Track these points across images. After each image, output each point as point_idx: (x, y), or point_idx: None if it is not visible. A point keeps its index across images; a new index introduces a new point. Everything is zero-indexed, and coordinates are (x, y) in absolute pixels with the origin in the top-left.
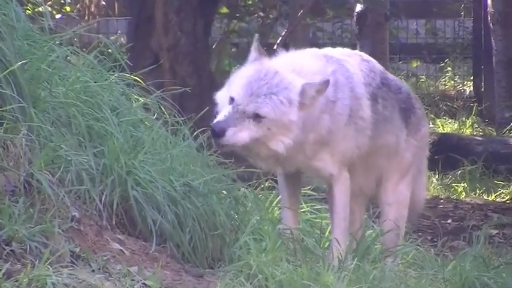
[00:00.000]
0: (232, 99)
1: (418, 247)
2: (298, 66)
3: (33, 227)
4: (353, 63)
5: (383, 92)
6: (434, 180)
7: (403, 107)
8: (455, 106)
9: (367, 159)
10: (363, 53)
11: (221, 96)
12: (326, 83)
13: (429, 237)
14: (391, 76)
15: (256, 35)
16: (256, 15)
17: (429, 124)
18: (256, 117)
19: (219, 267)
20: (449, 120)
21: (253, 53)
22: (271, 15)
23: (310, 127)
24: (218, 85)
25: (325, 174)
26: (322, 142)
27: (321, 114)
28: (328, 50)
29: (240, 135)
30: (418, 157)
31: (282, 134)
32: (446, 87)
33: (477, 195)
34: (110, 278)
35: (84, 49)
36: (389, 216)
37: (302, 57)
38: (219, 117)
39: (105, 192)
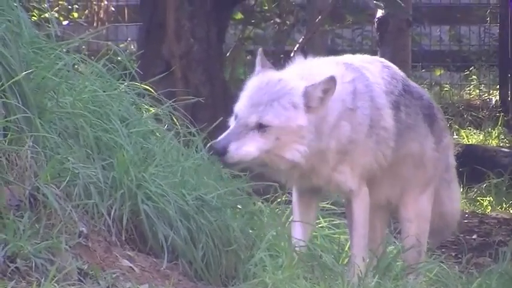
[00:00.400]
0: (236, 116)
1: (442, 264)
2: (310, 73)
3: (39, 243)
4: (374, 70)
5: (406, 100)
6: None
7: (426, 113)
8: (480, 116)
9: (392, 169)
10: (383, 59)
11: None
12: (332, 80)
13: (453, 254)
14: (412, 83)
15: (260, 49)
16: (272, 21)
17: (452, 135)
18: (260, 127)
19: (233, 285)
20: (475, 131)
21: (256, 67)
22: (288, 22)
23: (327, 133)
24: (232, 94)
25: (345, 189)
26: (344, 152)
27: (339, 121)
28: (347, 57)
29: (245, 149)
30: (440, 169)
31: (294, 141)
32: (471, 96)
33: (503, 209)
34: None
35: (92, 57)
36: (410, 232)
37: (318, 64)
38: (221, 136)
39: (114, 207)
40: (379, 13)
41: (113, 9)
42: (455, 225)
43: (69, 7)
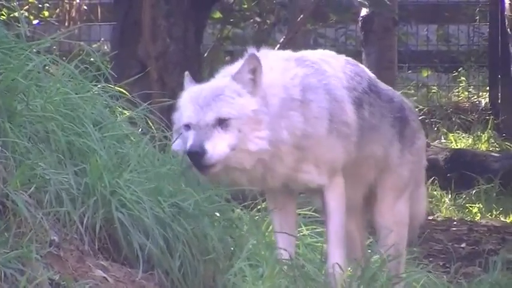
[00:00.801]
0: (188, 126)
1: (429, 274)
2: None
3: (8, 253)
4: (335, 65)
5: (371, 99)
6: (446, 200)
7: (397, 117)
8: (469, 119)
9: (353, 170)
10: (350, 58)
11: (174, 130)
12: (253, 58)
13: (441, 263)
14: (383, 85)
15: (187, 74)
16: (252, 20)
17: (440, 139)
18: (221, 122)
19: None
20: (463, 135)
21: (185, 85)
22: (268, 21)
23: (276, 121)
24: None
25: (313, 186)
26: (302, 148)
27: (287, 111)
28: (304, 53)
29: (219, 147)
30: (414, 172)
31: (254, 129)
32: (459, 98)
33: (493, 216)
34: None
35: (64, 58)
36: (388, 240)
37: (264, 61)
38: (189, 142)
39: (87, 214)
40: (364, 11)
41: (85, 7)
42: (418, 227)
43: (40, 6)
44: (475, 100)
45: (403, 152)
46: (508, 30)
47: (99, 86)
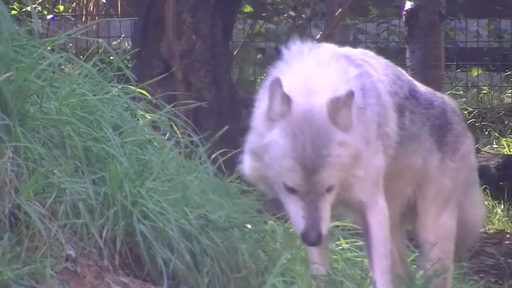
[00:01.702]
0: (292, 189)
1: None
2: (315, 85)
3: (20, 268)
4: (376, 66)
5: (411, 105)
6: (499, 211)
7: (437, 124)
8: None
9: (388, 184)
10: (388, 60)
11: (254, 171)
12: (351, 95)
13: (493, 279)
14: (422, 88)
15: (278, 78)
16: (286, 14)
17: (492, 144)
18: (330, 187)
19: None
20: None
21: (276, 104)
22: (303, 15)
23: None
24: (240, 99)
25: (355, 202)
26: (357, 156)
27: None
28: (344, 49)
29: (328, 218)
30: (459, 180)
31: (354, 167)
32: None
33: None
34: None
35: (81, 56)
36: (432, 256)
37: (318, 68)
38: (301, 222)
39: (106, 227)
40: (408, 5)
41: (104, 1)
42: (477, 233)
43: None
44: None
45: (444, 161)
46: None
47: (119, 86)
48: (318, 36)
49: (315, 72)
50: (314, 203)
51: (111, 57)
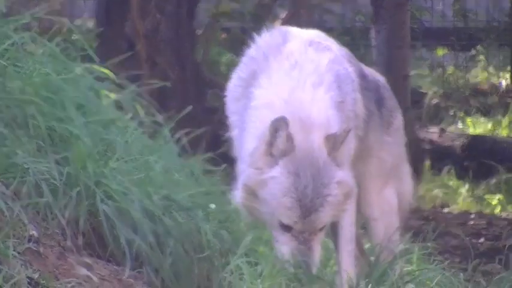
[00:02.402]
0: (288, 227)
1: (444, 271)
2: (304, 115)
3: None
4: (335, 48)
5: (364, 83)
6: (463, 191)
7: (376, 95)
8: (489, 102)
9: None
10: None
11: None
12: (346, 132)
13: (458, 260)
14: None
15: (284, 118)
16: None
17: (457, 124)
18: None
19: None
20: (482, 119)
21: (279, 142)
22: None
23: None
24: (205, 79)
25: None
26: (348, 194)
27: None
28: (303, 33)
29: (319, 253)
30: (395, 154)
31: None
32: (478, 80)
33: None
34: None
35: (44, 35)
36: (376, 232)
37: (304, 95)
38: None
39: (69, 207)
40: None
41: None
42: (407, 210)
43: None
44: (495, 81)
45: (381, 135)
46: None
47: (83, 66)
48: (283, 16)
49: (300, 94)
50: (307, 243)
51: (75, 37)
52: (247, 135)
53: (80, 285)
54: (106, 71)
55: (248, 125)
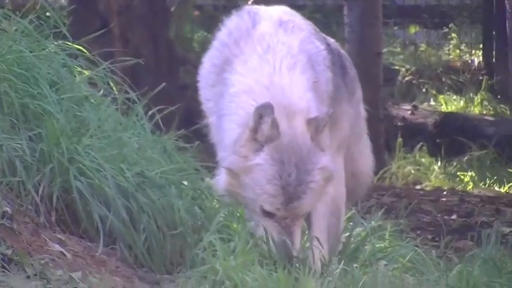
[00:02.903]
0: (270, 213)
1: (417, 248)
2: (286, 100)
3: None
4: (303, 23)
5: (330, 56)
6: (436, 168)
7: (339, 68)
8: (461, 80)
9: None
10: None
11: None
12: (327, 116)
13: (430, 236)
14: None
15: (270, 105)
16: None
17: (429, 101)
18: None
19: (178, 273)
20: (454, 97)
21: (265, 128)
22: None
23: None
24: (178, 56)
25: None
26: (329, 178)
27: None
28: (272, 11)
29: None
30: (354, 126)
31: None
32: (450, 57)
33: (487, 186)
34: (48, 286)
35: (17, 12)
36: (326, 197)
37: (284, 77)
38: (274, 244)
39: (42, 184)
40: None
41: None
42: (368, 184)
43: None
44: (468, 59)
45: (343, 104)
46: None
47: (56, 43)
48: None
49: (278, 79)
50: (289, 228)
51: (48, 14)
52: (229, 123)
53: (53, 262)
54: (79, 48)
55: (228, 112)
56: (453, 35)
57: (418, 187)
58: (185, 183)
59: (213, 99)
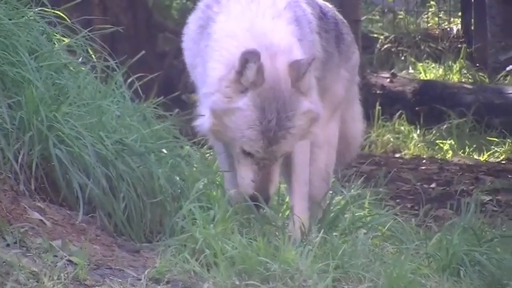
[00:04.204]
0: (248, 153)
1: (396, 216)
2: (269, 42)
3: None
4: None
5: (324, 24)
6: (415, 136)
7: (334, 35)
8: (440, 48)
9: None
10: None
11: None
12: (310, 61)
13: (409, 205)
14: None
15: (256, 51)
16: None
17: (408, 69)
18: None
19: (158, 241)
20: (433, 65)
21: (250, 73)
22: None
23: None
24: (156, 23)
25: None
26: (315, 119)
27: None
28: None
29: (276, 182)
30: (349, 90)
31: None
32: (429, 25)
33: (466, 154)
34: (28, 254)
35: None
36: (318, 160)
37: (265, 22)
38: (250, 185)
39: (22, 151)
40: None
41: None
42: (358, 149)
43: None
44: (446, 27)
45: (339, 69)
46: None
47: (35, 10)
48: None
49: (261, 23)
50: (267, 168)
51: None
52: (213, 62)
53: (32, 230)
54: (58, 14)
55: (212, 55)
56: (432, 2)
57: (397, 155)
58: (164, 151)
59: (199, 54)
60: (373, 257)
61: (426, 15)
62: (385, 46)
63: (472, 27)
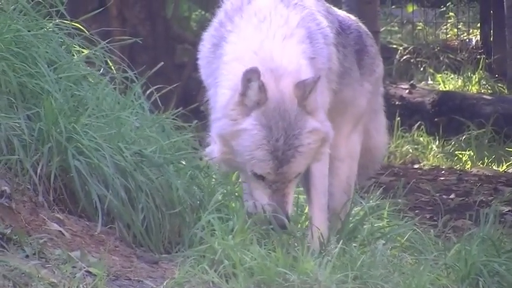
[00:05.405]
0: (262, 177)
1: (415, 227)
2: (276, 64)
3: None
4: (310, 3)
5: (342, 39)
6: (434, 147)
7: (356, 49)
8: (459, 59)
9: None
10: None
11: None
12: (316, 80)
13: (428, 216)
14: (339, 13)
15: (256, 69)
16: None
17: (427, 80)
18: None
19: (177, 252)
20: (452, 76)
21: (252, 92)
22: None
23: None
24: (175, 34)
25: None
26: (325, 139)
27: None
28: None
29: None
30: (372, 102)
31: (323, 146)
32: (448, 36)
33: (485, 165)
34: (47, 265)
35: None
36: (339, 173)
37: (274, 43)
38: (268, 208)
39: (41, 163)
40: None
41: None
42: (381, 160)
43: None
44: (465, 38)
45: (362, 82)
46: None
47: (53, 22)
48: None
49: (269, 45)
50: (281, 190)
51: None
52: (220, 88)
53: (51, 241)
54: (77, 26)
55: (220, 79)
56: (451, 13)
57: (416, 166)
58: (183, 162)
59: (212, 75)
60: (391, 267)
61: (445, 26)
62: (404, 57)
63: (491, 38)
